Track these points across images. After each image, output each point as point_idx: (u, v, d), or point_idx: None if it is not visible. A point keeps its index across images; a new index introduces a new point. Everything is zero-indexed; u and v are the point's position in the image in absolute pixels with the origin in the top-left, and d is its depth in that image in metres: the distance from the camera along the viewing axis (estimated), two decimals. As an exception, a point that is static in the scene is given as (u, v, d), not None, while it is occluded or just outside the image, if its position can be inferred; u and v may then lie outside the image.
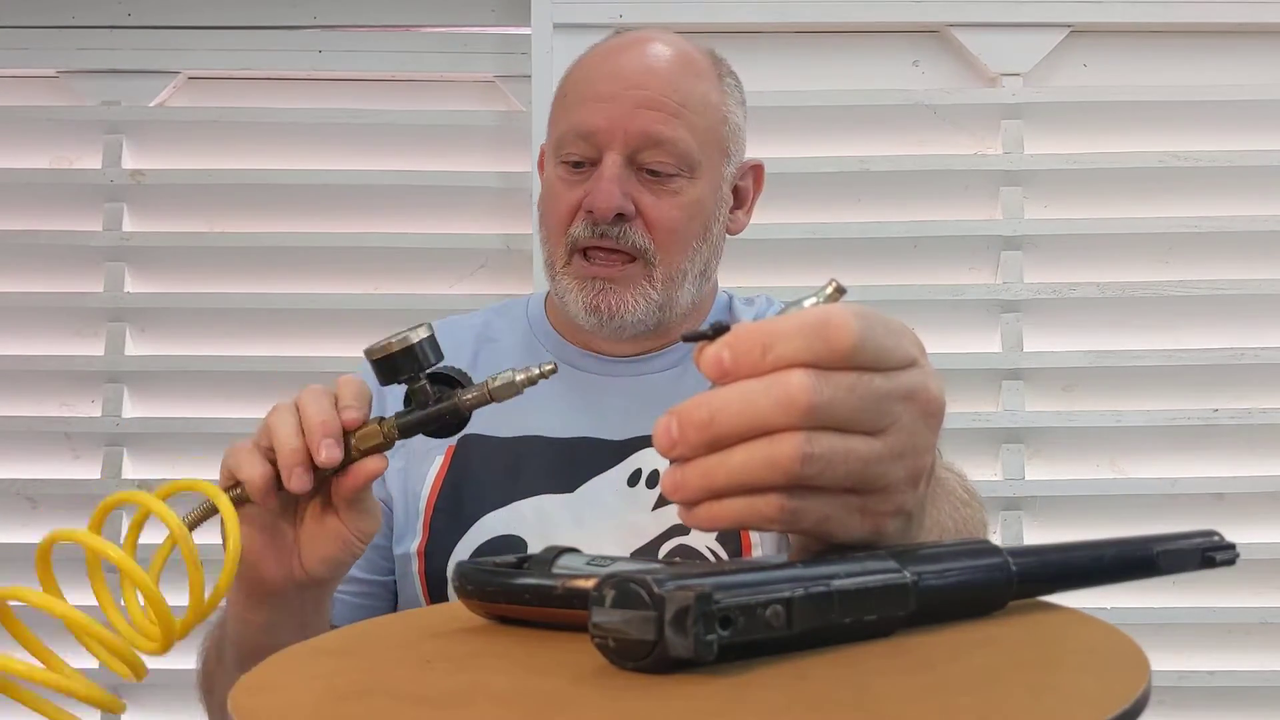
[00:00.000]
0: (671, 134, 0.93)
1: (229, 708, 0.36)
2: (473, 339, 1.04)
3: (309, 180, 1.66)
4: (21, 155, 1.70)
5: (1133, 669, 0.35)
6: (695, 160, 0.95)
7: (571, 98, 0.97)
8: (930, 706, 0.32)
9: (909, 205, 1.65)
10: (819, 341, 0.40)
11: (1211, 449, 1.61)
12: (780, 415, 0.40)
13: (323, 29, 1.69)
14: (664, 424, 0.41)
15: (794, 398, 0.40)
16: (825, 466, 0.40)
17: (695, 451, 0.41)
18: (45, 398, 1.66)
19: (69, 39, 1.69)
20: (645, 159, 0.93)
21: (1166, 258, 1.65)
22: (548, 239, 0.98)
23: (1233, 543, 0.48)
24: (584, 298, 0.95)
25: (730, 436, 0.40)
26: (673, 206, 0.95)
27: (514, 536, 0.92)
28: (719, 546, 0.92)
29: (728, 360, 0.41)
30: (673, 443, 0.41)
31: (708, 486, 0.41)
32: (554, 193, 0.97)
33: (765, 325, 0.41)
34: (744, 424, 0.40)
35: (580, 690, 0.35)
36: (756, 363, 0.40)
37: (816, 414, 0.40)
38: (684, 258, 0.96)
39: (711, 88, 0.98)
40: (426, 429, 0.70)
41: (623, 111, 0.93)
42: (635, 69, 0.95)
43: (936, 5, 1.65)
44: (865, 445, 0.41)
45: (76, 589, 0.62)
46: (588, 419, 0.97)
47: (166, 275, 1.68)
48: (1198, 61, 1.67)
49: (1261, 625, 1.56)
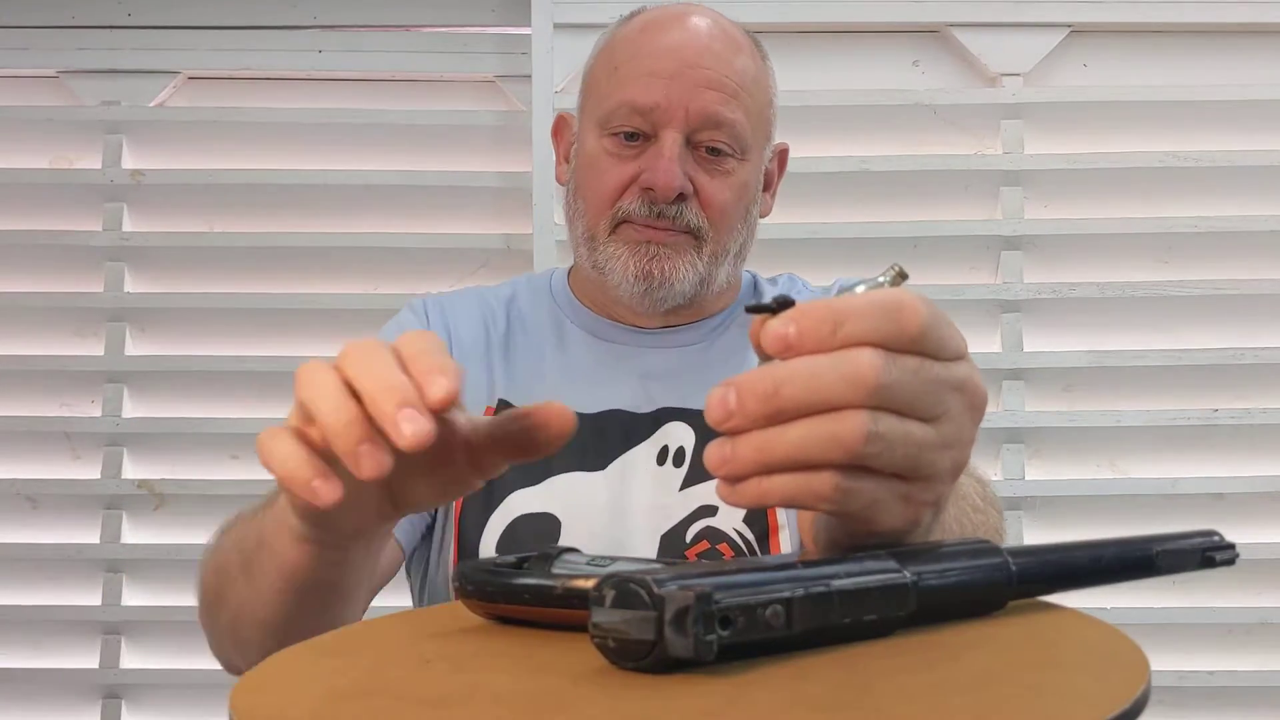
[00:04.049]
0: (731, 115, 0.93)
1: (228, 708, 0.36)
2: (504, 311, 1.03)
3: (309, 180, 1.66)
4: (21, 155, 1.70)
5: (1132, 669, 0.35)
6: (748, 142, 0.95)
7: (625, 70, 0.95)
8: (930, 706, 0.32)
9: (909, 205, 1.65)
10: (890, 323, 0.40)
11: (1211, 449, 1.61)
12: (848, 392, 0.39)
13: (323, 29, 1.69)
14: (719, 394, 0.40)
15: (863, 375, 0.39)
16: (885, 448, 0.40)
17: (753, 423, 0.40)
18: (45, 398, 1.66)
19: (69, 39, 1.69)
20: (704, 138, 0.93)
21: (1166, 258, 1.65)
22: (588, 210, 0.97)
23: (1232, 543, 0.48)
24: (635, 262, 0.94)
25: (793, 410, 0.39)
26: (725, 187, 0.94)
27: (548, 515, 0.92)
28: (746, 529, 0.91)
29: (793, 335, 0.40)
30: (728, 413, 0.40)
31: (762, 460, 0.40)
32: (600, 165, 0.95)
33: (834, 303, 0.40)
34: (809, 398, 0.39)
35: (580, 690, 0.35)
36: (825, 339, 0.40)
37: (882, 394, 0.40)
38: (730, 238, 0.96)
39: (760, 69, 0.98)
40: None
41: (684, 90, 0.92)
42: (694, 47, 0.94)
43: (936, 5, 1.65)
44: (921, 431, 0.41)
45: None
46: (615, 391, 0.96)
47: (166, 275, 1.68)
48: (1198, 61, 1.67)
49: (1262, 625, 1.56)
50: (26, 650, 1.61)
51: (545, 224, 1.59)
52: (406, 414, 0.44)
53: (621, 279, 0.95)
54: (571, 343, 1.00)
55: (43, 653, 1.61)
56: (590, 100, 1.00)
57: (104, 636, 1.61)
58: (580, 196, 0.98)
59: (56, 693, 1.62)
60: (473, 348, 0.99)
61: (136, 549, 1.62)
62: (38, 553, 1.60)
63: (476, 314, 1.02)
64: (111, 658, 1.61)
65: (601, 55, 1.00)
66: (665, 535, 0.91)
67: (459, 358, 0.98)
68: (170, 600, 1.61)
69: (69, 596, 1.61)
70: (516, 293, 1.06)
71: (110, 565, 1.61)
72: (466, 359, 0.98)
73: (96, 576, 1.61)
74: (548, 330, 1.01)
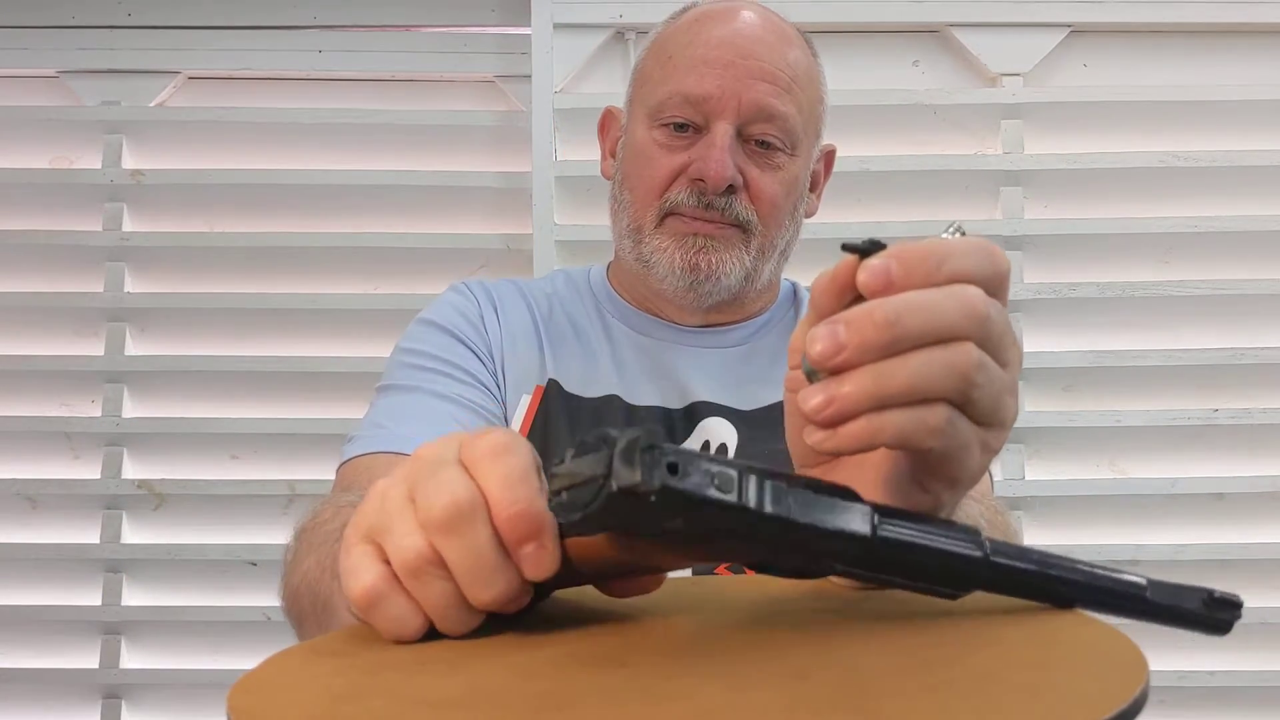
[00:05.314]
0: (783, 108, 0.92)
1: (226, 708, 0.36)
2: (546, 300, 1.02)
3: (309, 180, 1.66)
4: (21, 155, 1.70)
5: (1131, 669, 0.35)
6: (798, 137, 0.94)
7: (679, 60, 0.94)
8: (930, 706, 0.32)
9: (909, 205, 1.65)
10: (988, 263, 0.41)
11: (1211, 449, 1.61)
12: (965, 322, 0.39)
13: (323, 29, 1.69)
14: (827, 330, 0.39)
15: (977, 308, 0.39)
16: (987, 381, 0.40)
17: (870, 354, 0.38)
18: (45, 398, 1.66)
19: (69, 39, 1.69)
20: (755, 131, 0.92)
21: (1166, 258, 1.65)
22: (637, 201, 0.96)
23: (1239, 602, 0.44)
24: (682, 254, 0.93)
25: (911, 340, 0.39)
26: (775, 181, 0.94)
27: None
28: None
29: (896, 271, 0.39)
30: (839, 346, 0.38)
31: (878, 393, 0.39)
32: (649, 155, 0.94)
33: (933, 243, 0.40)
34: (930, 326, 0.39)
35: (580, 690, 0.35)
36: (930, 273, 0.40)
37: (987, 328, 0.40)
38: (778, 233, 0.96)
39: (811, 65, 0.98)
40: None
41: (737, 80, 0.91)
42: (748, 38, 0.93)
43: (936, 5, 1.65)
44: (1002, 372, 0.41)
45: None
46: (657, 387, 0.95)
47: (166, 275, 1.68)
48: (1198, 61, 1.67)
49: (1262, 625, 1.57)
50: (26, 650, 1.61)
51: (545, 224, 1.59)
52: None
53: (668, 271, 0.94)
54: (615, 335, 0.99)
55: (43, 653, 1.61)
56: (641, 91, 0.98)
57: (104, 636, 1.61)
58: (627, 188, 0.97)
59: (56, 693, 1.62)
60: (520, 327, 0.98)
61: (136, 549, 1.62)
62: (38, 553, 1.60)
63: (520, 298, 1.01)
64: (111, 658, 1.61)
65: (653, 48, 0.99)
66: None
67: (508, 337, 0.97)
68: (170, 600, 1.61)
69: (69, 596, 1.61)
70: (556, 286, 1.05)
71: (110, 565, 1.61)
72: (515, 338, 0.97)
73: (96, 576, 1.61)
74: (593, 319, 1.01)
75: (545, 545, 0.39)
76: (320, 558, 0.69)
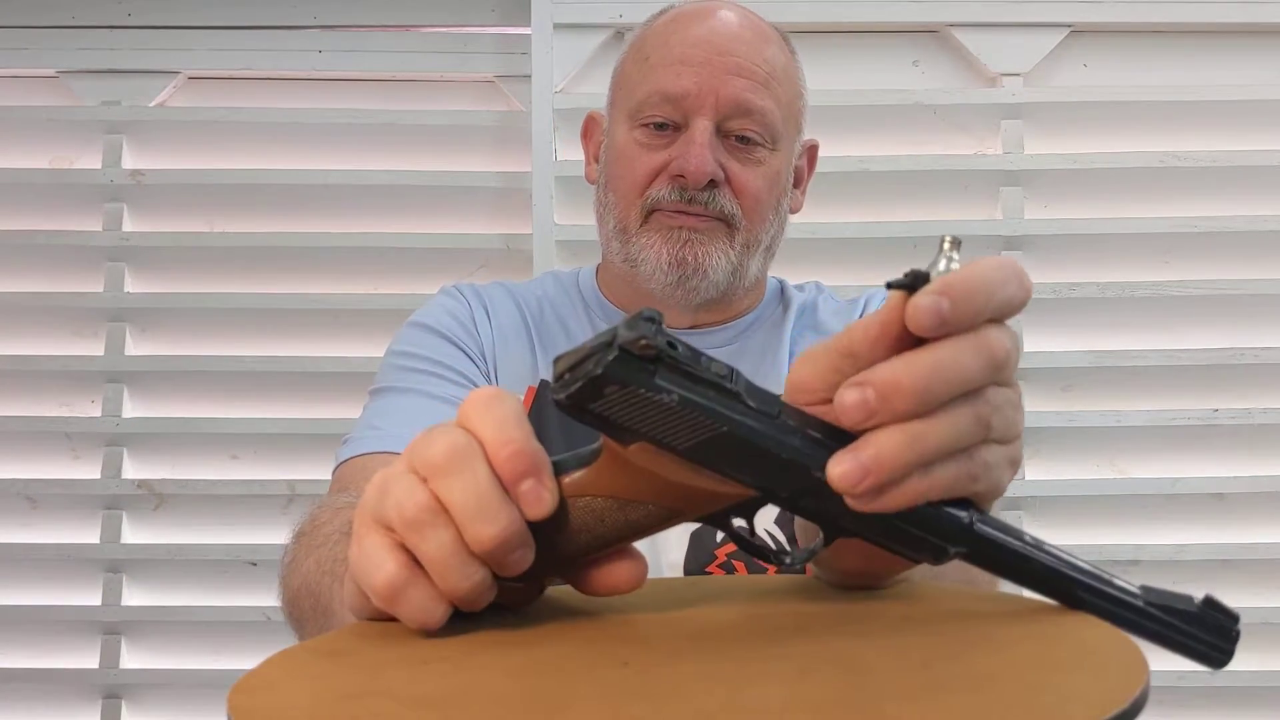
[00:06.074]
0: (761, 103, 0.93)
1: (227, 708, 0.36)
2: (536, 302, 1.03)
3: (309, 180, 1.66)
4: (21, 155, 1.70)
5: (1131, 669, 0.35)
6: (778, 132, 0.95)
7: (656, 60, 0.95)
8: (930, 706, 0.32)
9: (909, 205, 1.65)
10: (1021, 292, 0.40)
11: (1211, 449, 1.61)
12: (985, 373, 0.39)
13: (323, 29, 1.69)
14: (855, 397, 0.38)
15: (995, 354, 0.39)
16: (1004, 403, 0.41)
17: (901, 420, 0.38)
18: (45, 398, 1.66)
19: (69, 39, 1.69)
20: (734, 126, 0.93)
21: (1166, 258, 1.65)
22: (620, 201, 0.97)
23: (1237, 631, 0.45)
24: (668, 249, 0.93)
25: (940, 400, 0.39)
26: (757, 175, 0.94)
27: None
28: (778, 530, 0.90)
29: (947, 311, 0.38)
30: (870, 413, 0.38)
31: (917, 458, 0.38)
32: (631, 155, 0.95)
33: (976, 274, 0.39)
34: (960, 386, 0.39)
35: (580, 690, 0.35)
36: (979, 311, 0.39)
37: (1004, 368, 0.40)
38: (762, 228, 0.96)
39: (789, 61, 0.99)
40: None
41: (715, 77, 0.92)
42: (724, 35, 0.94)
43: (936, 5, 1.65)
44: (1011, 391, 0.42)
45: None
46: None
47: (166, 275, 1.68)
48: (1198, 61, 1.67)
49: (1262, 625, 1.56)
50: (26, 650, 1.61)
51: (545, 224, 1.59)
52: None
53: (655, 268, 0.94)
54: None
55: (43, 653, 1.61)
56: (621, 94, 0.99)
57: (104, 636, 1.61)
58: (611, 190, 0.98)
59: (56, 693, 1.62)
60: (511, 329, 0.99)
61: (136, 549, 1.62)
62: (38, 553, 1.60)
63: (510, 300, 1.02)
64: (111, 658, 1.61)
65: (632, 50, 1.00)
66: (695, 534, 0.91)
67: (499, 339, 0.98)
68: (170, 600, 1.61)
69: (69, 596, 1.61)
70: (546, 289, 1.05)
71: (110, 565, 1.61)
72: (506, 339, 0.98)
73: (96, 576, 1.61)
74: (583, 320, 1.01)
75: (543, 480, 0.41)
76: (320, 559, 0.70)
